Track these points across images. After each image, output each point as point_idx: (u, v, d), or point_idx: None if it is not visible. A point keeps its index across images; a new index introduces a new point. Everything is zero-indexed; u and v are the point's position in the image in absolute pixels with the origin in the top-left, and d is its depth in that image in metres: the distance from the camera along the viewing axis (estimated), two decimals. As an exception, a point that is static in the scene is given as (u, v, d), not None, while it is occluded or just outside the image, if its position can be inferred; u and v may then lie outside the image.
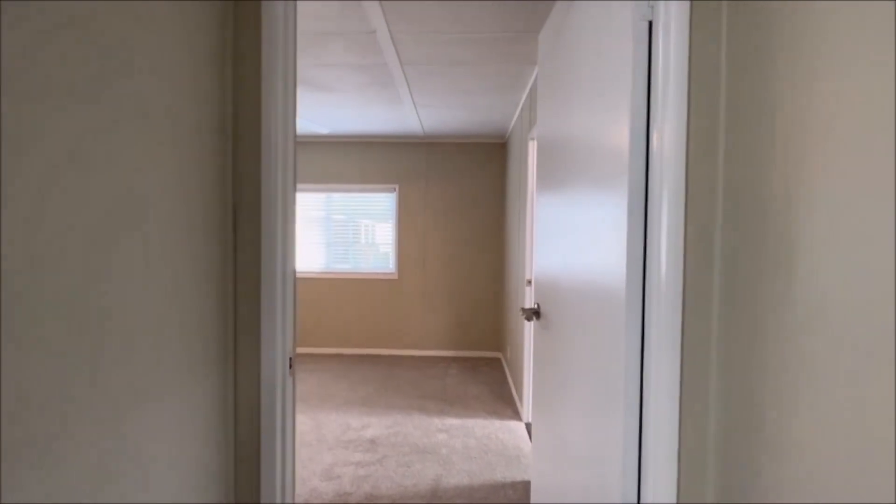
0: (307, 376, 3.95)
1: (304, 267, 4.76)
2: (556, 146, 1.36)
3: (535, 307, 1.55)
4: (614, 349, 0.89)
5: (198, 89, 0.76)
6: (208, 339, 0.78)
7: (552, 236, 1.41)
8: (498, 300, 4.72)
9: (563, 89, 1.30)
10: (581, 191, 1.12)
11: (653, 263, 0.82)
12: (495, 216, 4.69)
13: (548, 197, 1.48)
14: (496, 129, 4.20)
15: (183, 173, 0.69)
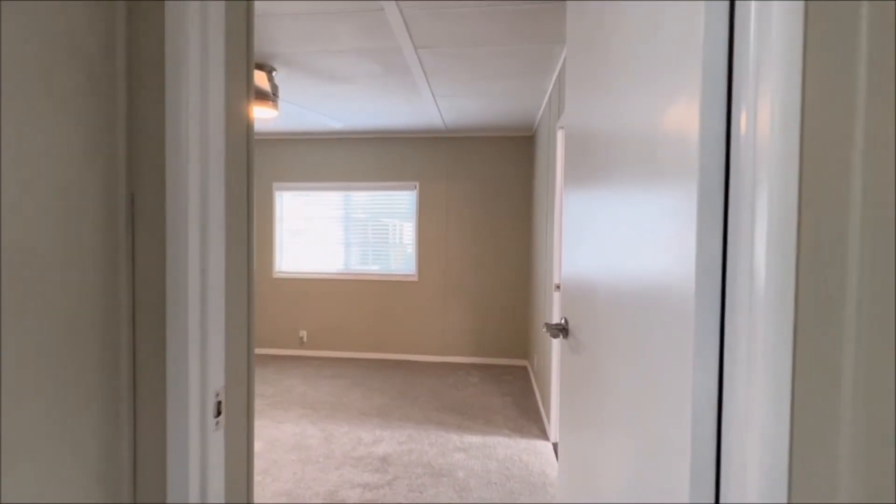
0: (322, 383, 3.78)
1: (322, 268, 4.62)
2: (590, 135, 1.09)
3: (561, 323, 1.28)
4: (675, 374, 0.63)
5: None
6: (81, 386, 0.55)
7: (583, 237, 1.14)
8: (524, 305, 4.42)
9: (598, 69, 1.03)
10: (625, 185, 0.85)
11: (738, 267, 0.55)
12: (522, 215, 4.39)
13: (578, 193, 1.20)
14: (522, 120, 3.91)
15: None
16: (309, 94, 3.19)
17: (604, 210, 0.97)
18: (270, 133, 4.46)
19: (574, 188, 1.25)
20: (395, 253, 4.57)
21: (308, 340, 4.65)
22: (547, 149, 3.23)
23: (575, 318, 1.20)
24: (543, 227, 3.37)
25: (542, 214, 3.44)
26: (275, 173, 4.63)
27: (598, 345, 0.98)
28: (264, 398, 3.40)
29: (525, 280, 4.41)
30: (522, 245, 4.40)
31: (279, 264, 4.68)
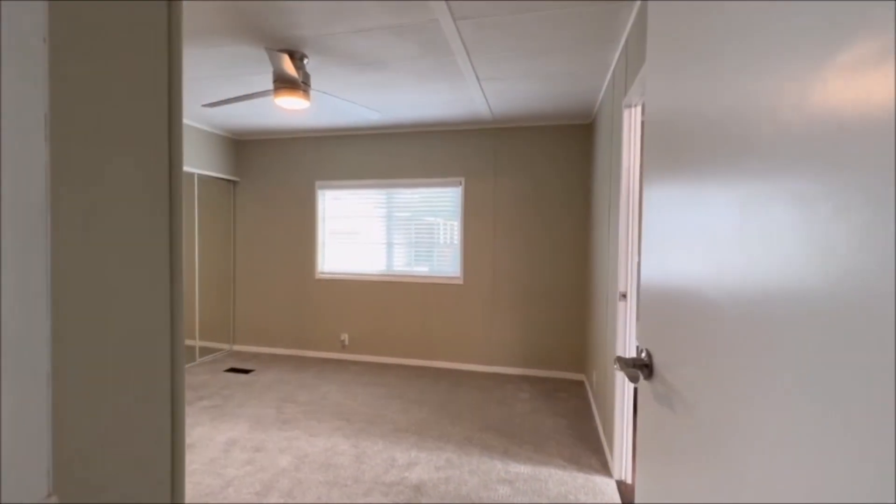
0: (360, 391, 3.58)
1: (365, 269, 4.44)
2: (691, 117, 0.72)
3: (641, 357, 0.90)
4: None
5: None
6: None
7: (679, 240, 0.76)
8: (581, 313, 3.96)
9: (703, 31, 0.66)
10: (773, 177, 0.48)
11: None
12: (578, 213, 3.94)
13: (670, 186, 0.83)
14: (579, 105, 3.47)
15: None
16: (343, 83, 2.98)
17: (726, 207, 0.60)
18: (311, 130, 4.35)
19: (662, 181, 0.87)
20: (438, 254, 4.30)
21: (349, 344, 4.49)
22: (609, 136, 2.79)
23: (665, 351, 0.82)
24: (604, 226, 2.93)
25: (603, 212, 3.00)
26: (317, 172, 4.52)
27: (718, 397, 0.61)
28: (298, 405, 3.24)
29: (582, 285, 3.95)
30: (579, 246, 3.95)
31: (321, 265, 4.56)
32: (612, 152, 2.67)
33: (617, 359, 0.91)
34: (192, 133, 4.13)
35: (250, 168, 4.69)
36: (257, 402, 3.31)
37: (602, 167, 3.09)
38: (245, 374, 3.99)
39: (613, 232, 2.54)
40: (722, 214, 0.60)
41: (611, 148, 2.71)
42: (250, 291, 4.73)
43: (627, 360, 0.89)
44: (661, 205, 0.87)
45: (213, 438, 2.71)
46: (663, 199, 0.86)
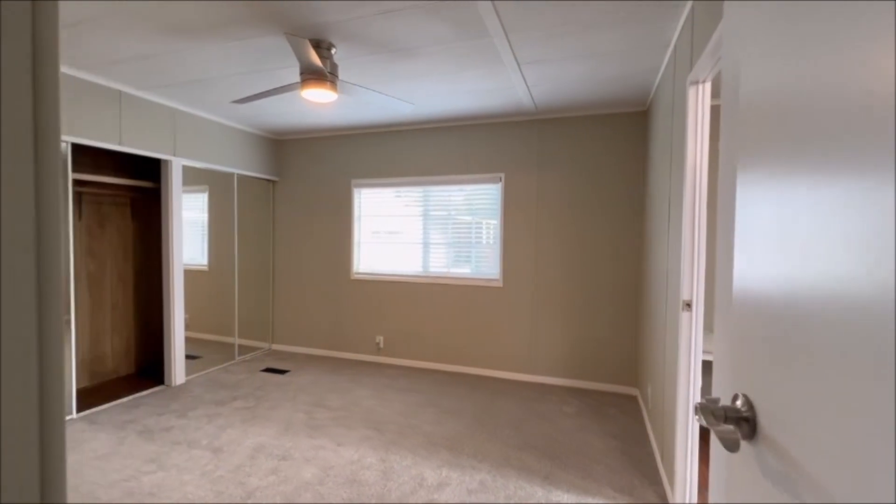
0: (393, 397, 3.42)
1: (400, 269, 4.30)
2: (813, 96, 0.45)
3: (737, 408, 0.63)
4: None
5: None
6: None
7: (821, 245, 0.50)
8: (634, 320, 3.59)
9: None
10: None
11: None
12: (632, 210, 3.57)
13: (777, 179, 0.56)
14: (633, 89, 3.12)
15: None
16: (374, 75, 2.83)
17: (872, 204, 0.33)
18: (347, 128, 4.26)
19: (772, 169, 0.60)
20: (477, 255, 4.07)
21: (384, 347, 4.36)
22: (669, 122, 2.44)
23: (777, 398, 0.55)
24: (662, 226, 2.58)
25: (661, 209, 2.65)
26: (353, 170, 4.43)
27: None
28: (329, 410, 3.13)
29: (635, 290, 3.58)
30: (632, 247, 3.58)
31: (357, 265, 4.47)
32: (672, 140, 2.33)
33: (699, 407, 0.65)
34: (232, 133, 4.16)
35: (289, 167, 4.69)
36: (290, 404, 3.24)
37: (659, 159, 2.73)
38: (281, 374, 3.96)
39: (675, 232, 2.21)
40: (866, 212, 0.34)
41: (671, 135, 2.36)
42: (289, 291, 4.73)
43: (716, 411, 0.63)
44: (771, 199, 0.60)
45: (242, 443, 2.64)
46: (775, 193, 0.59)
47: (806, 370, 0.49)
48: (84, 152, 3.48)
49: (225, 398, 3.34)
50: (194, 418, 2.98)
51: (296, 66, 2.72)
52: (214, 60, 2.65)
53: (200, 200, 4.19)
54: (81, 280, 3.54)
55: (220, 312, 4.24)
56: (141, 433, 2.75)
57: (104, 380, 3.71)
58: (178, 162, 3.59)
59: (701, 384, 2.01)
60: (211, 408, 3.16)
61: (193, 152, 3.74)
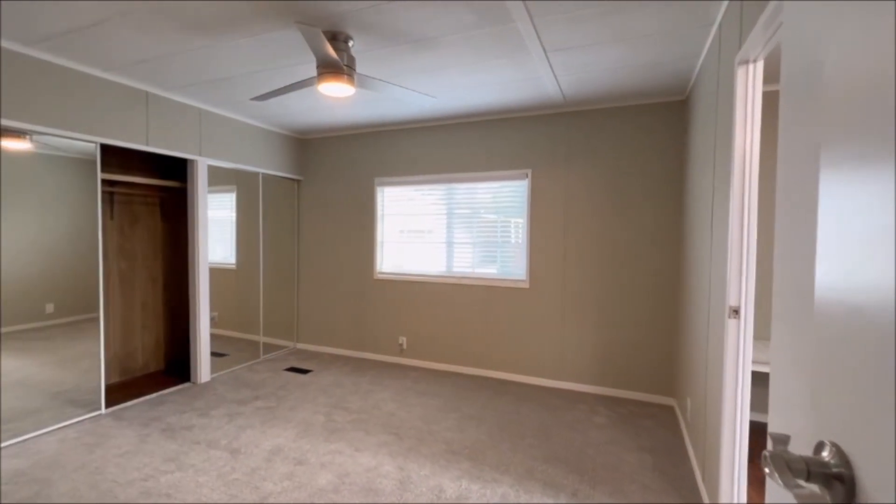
0: (414, 401, 3.32)
1: (424, 269, 4.20)
2: None
3: (824, 460, 0.48)
4: None
5: None
6: None
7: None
8: (671, 325, 3.35)
9: None
10: None
11: None
12: (669, 207, 3.33)
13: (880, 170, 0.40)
14: (670, 77, 2.89)
15: None
16: (393, 68, 2.73)
17: None
18: (370, 125, 4.19)
19: (873, 166, 0.45)
20: (502, 254, 3.91)
21: (408, 348, 4.28)
22: (713, 110, 2.22)
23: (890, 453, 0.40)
24: (704, 225, 2.36)
25: (702, 207, 2.42)
26: (376, 168, 4.36)
27: None
28: (349, 413, 3.06)
29: (672, 293, 3.33)
30: (668, 247, 3.33)
31: (380, 265, 4.41)
32: (716, 129, 2.11)
33: (769, 457, 0.49)
34: (257, 132, 4.17)
35: (313, 166, 4.68)
36: (310, 405, 3.20)
37: (701, 151, 2.50)
38: (303, 374, 3.94)
39: (720, 231, 1.99)
40: None
41: (714, 124, 2.14)
42: (313, 291, 4.72)
43: (794, 463, 0.48)
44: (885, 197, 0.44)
45: (259, 444, 2.60)
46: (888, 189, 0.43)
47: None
48: (114, 153, 3.56)
49: (247, 397, 3.34)
50: (216, 417, 2.98)
51: (314, 62, 2.66)
52: (233, 58, 2.62)
53: (229, 200, 4.23)
54: (113, 278, 3.63)
55: (248, 311, 4.27)
56: (164, 431, 2.76)
57: (134, 376, 3.79)
58: (203, 162, 3.62)
59: (750, 398, 1.80)
60: (232, 407, 3.16)
61: (219, 152, 3.77)
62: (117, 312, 3.67)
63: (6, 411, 2.61)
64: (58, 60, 2.68)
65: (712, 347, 2.07)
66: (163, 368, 4.02)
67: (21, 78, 2.53)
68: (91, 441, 2.62)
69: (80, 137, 2.81)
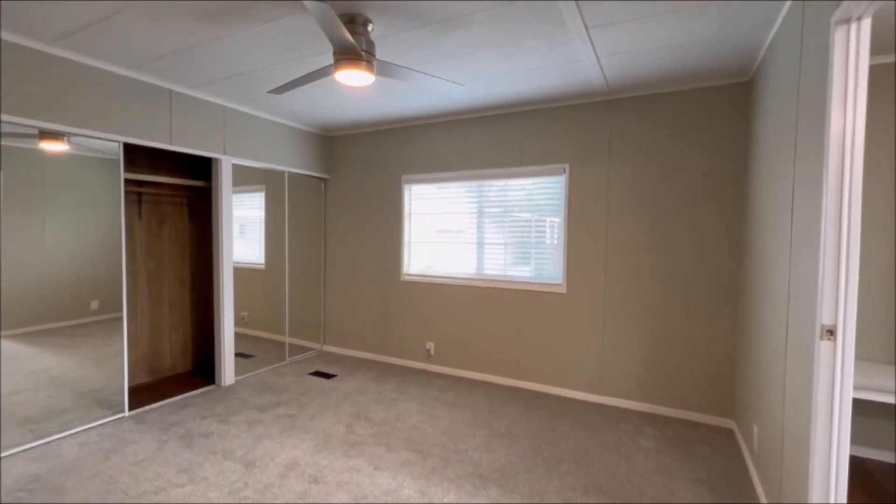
0: (441, 413, 3.11)
1: (453, 271, 3.97)
2: None
3: None
4: None
5: None
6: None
7: None
8: (731, 338, 2.96)
9: None
10: None
11: None
12: (727, 206, 2.94)
13: None
14: (732, 54, 2.51)
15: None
16: (417, 53, 2.51)
17: None
18: (397, 120, 4.00)
19: None
20: (537, 256, 3.62)
21: (435, 354, 4.07)
22: (792, 88, 1.87)
23: None
24: (782, 226, 2.00)
25: (778, 205, 2.06)
26: (403, 165, 4.17)
27: None
28: (371, 425, 2.89)
29: (733, 302, 2.94)
30: (727, 251, 2.94)
31: (407, 266, 4.22)
32: (798, 111, 1.76)
33: None
34: (282, 130, 4.08)
35: (339, 164, 4.55)
36: (331, 414, 3.05)
37: (773, 141, 2.14)
38: (328, 378, 3.81)
39: (806, 235, 1.65)
40: None
41: (797, 107, 1.79)
42: (339, 292, 4.60)
43: None
44: None
45: (276, 457, 2.46)
46: None
47: None
48: (141, 153, 3.55)
49: (268, 403, 3.23)
50: (235, 424, 2.88)
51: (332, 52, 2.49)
52: (250, 50, 2.49)
53: (258, 199, 4.17)
54: (141, 278, 3.63)
55: (276, 311, 4.20)
56: (182, 438, 2.68)
57: (162, 376, 3.78)
58: (227, 160, 3.55)
59: (850, 431, 1.45)
60: (253, 413, 3.05)
61: (243, 151, 3.69)
62: (145, 312, 3.67)
63: (38, 411, 2.61)
64: (78, 58, 2.64)
65: (794, 370, 1.73)
66: (190, 369, 4.00)
67: (44, 76, 2.50)
68: (109, 446, 2.56)
69: (103, 136, 2.77)
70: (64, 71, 2.58)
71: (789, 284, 1.81)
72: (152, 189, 3.63)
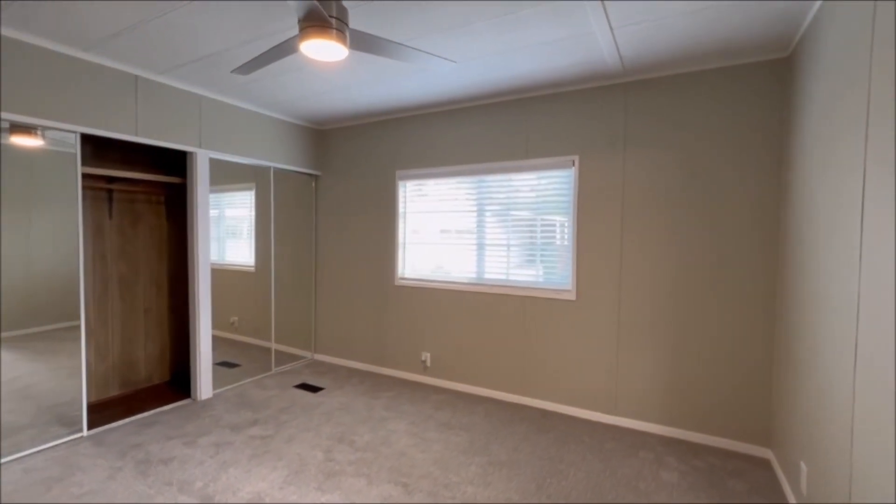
0: (433, 436, 2.76)
1: (452, 275, 3.63)
2: None
3: None
4: None
5: None
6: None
7: None
8: (767, 356, 2.56)
9: None
10: None
11: None
12: (761, 203, 2.55)
13: None
14: (769, 24, 2.13)
15: None
16: (401, 25, 2.18)
17: None
18: (389, 111, 3.68)
19: None
20: (543, 259, 3.26)
21: (431, 366, 3.72)
22: (864, 61, 1.49)
23: None
24: (845, 227, 1.62)
25: (838, 199, 1.68)
26: (398, 160, 3.85)
27: None
28: (353, 450, 2.55)
29: (767, 313, 2.55)
30: (762, 253, 2.55)
31: (402, 269, 3.89)
32: (870, 89, 1.38)
33: None
34: (266, 122, 3.78)
35: (331, 160, 4.25)
36: (311, 436, 2.73)
37: (827, 124, 1.75)
38: (314, 392, 3.49)
39: (885, 239, 1.27)
40: None
41: (868, 82, 1.41)
42: (331, 297, 4.29)
43: None
44: None
45: (239, 491, 2.14)
46: None
47: None
48: (111, 147, 3.27)
49: (244, 422, 2.92)
50: (202, 447, 2.57)
51: (304, 22, 2.17)
52: (215, 25, 2.18)
53: (248, 198, 3.89)
54: (112, 282, 3.35)
55: (266, 317, 3.90)
56: (139, 464, 2.38)
57: (136, 388, 3.50)
58: (203, 154, 3.26)
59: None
60: (224, 434, 2.74)
61: (222, 144, 3.40)
62: (117, 320, 3.39)
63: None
64: (29, 39, 2.36)
65: (869, 405, 1.35)
66: (168, 380, 3.72)
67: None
68: (55, 474, 2.27)
69: (57, 126, 2.49)
70: (13, 54, 2.30)
71: (859, 296, 1.43)
72: (124, 186, 3.35)
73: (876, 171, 1.34)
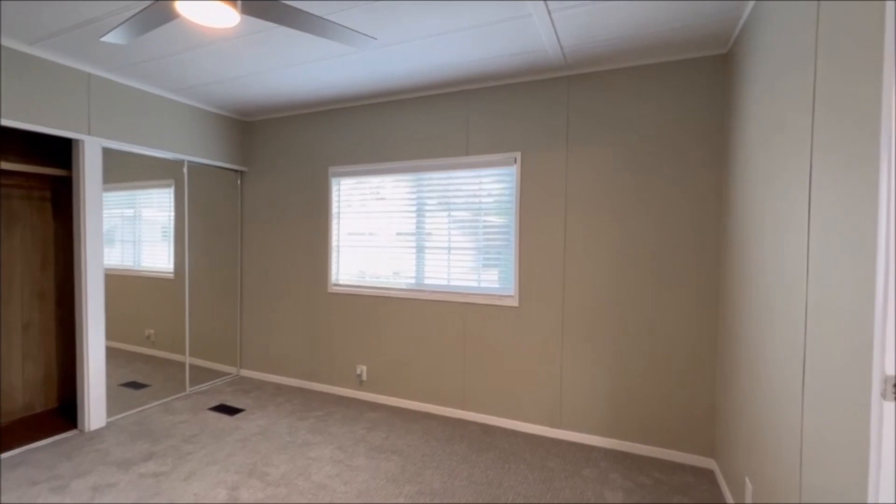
0: (361, 462, 2.46)
1: (389, 281, 3.34)
2: None
3: None
4: None
5: None
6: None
7: None
8: (710, 360, 2.47)
9: None
10: None
11: None
12: (705, 201, 2.46)
13: None
14: (710, 19, 2.03)
15: None
16: (317, -4, 1.88)
17: None
18: (322, 101, 3.35)
19: None
20: (486, 263, 3.05)
21: (368, 380, 3.42)
22: (808, 50, 1.37)
23: None
24: (788, 226, 1.50)
25: (782, 198, 1.56)
26: (330, 155, 3.52)
27: None
28: (264, 485, 2.20)
29: (713, 319, 2.46)
30: (710, 254, 2.46)
31: (335, 275, 3.56)
32: (815, 83, 1.25)
33: None
34: (179, 110, 3.34)
35: (259, 155, 3.85)
36: (217, 469, 2.35)
37: (769, 120, 1.64)
38: (231, 415, 3.09)
39: (853, 244, 1.13)
40: None
41: (814, 74, 1.28)
42: (258, 306, 3.88)
43: None
44: None
45: (109, 549, 1.75)
46: None
47: None
48: (-23, 131, 2.74)
49: (137, 456, 2.49)
50: (74, 492, 2.12)
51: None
52: None
53: (167, 196, 3.41)
54: (-23, 294, 2.80)
55: (181, 328, 3.44)
56: (-16, 520, 1.92)
57: (11, 419, 2.95)
58: (94, 142, 2.79)
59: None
60: (108, 474, 2.30)
61: (120, 132, 2.94)
62: (-16, 338, 2.84)
63: None
64: None
65: (820, 427, 1.21)
66: (55, 407, 3.18)
67: None
68: None
69: None
70: None
71: (806, 307, 1.29)
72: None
73: (826, 183, 1.20)
